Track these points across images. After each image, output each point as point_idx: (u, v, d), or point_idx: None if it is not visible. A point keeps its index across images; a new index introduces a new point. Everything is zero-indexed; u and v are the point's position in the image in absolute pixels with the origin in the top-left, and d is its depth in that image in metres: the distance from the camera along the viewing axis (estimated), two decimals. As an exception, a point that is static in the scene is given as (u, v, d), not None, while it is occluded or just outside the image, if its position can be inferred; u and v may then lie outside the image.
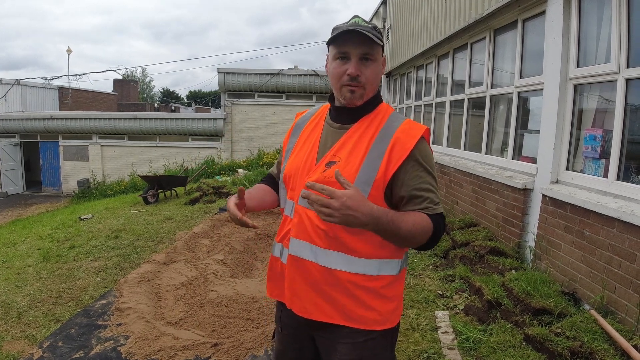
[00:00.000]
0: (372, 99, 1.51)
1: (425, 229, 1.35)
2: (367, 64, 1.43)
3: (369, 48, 1.42)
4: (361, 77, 1.43)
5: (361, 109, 1.49)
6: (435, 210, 1.39)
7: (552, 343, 2.71)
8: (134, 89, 35.30)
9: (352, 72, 1.42)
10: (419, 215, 1.36)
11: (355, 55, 1.42)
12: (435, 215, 1.38)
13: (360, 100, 1.47)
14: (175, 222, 7.67)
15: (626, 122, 3.23)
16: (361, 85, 1.44)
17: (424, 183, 1.40)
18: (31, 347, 3.29)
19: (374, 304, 1.44)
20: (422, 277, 4.37)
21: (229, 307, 3.91)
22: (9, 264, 5.60)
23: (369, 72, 1.44)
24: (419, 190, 1.39)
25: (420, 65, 8.77)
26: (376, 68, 1.46)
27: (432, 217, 1.37)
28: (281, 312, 1.63)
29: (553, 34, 3.93)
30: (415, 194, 1.39)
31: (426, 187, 1.40)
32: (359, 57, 1.42)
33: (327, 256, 1.43)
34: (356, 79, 1.42)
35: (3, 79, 20.96)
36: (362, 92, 1.45)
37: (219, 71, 18.27)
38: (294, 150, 1.60)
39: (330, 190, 1.19)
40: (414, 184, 1.39)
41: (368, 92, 1.47)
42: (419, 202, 1.39)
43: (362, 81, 1.43)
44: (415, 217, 1.35)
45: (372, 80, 1.46)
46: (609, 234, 3.09)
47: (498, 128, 5.44)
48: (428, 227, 1.35)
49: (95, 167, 19.13)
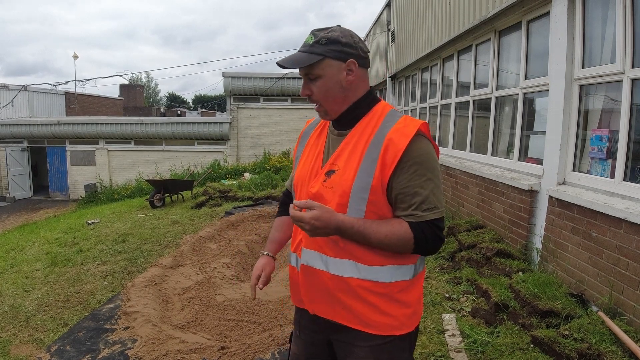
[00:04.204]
0: (359, 102, 1.48)
1: (403, 239, 1.34)
2: (314, 82, 1.45)
3: (307, 68, 1.43)
4: (312, 95, 1.46)
5: (353, 113, 1.48)
6: (421, 217, 1.34)
7: (559, 345, 2.69)
8: (140, 93, 35.54)
9: (301, 93, 1.48)
10: (398, 225, 1.35)
11: (303, 76, 1.47)
12: (419, 223, 1.34)
13: (328, 115, 1.50)
14: (181, 225, 7.70)
15: (632, 123, 3.21)
16: (317, 102, 1.47)
17: (412, 186, 1.35)
18: (39, 351, 3.31)
19: (388, 309, 1.43)
20: (428, 280, 4.35)
21: (235, 310, 3.92)
22: (17, 269, 5.64)
23: (316, 90, 1.45)
24: (404, 194, 1.36)
25: (425, 68, 8.76)
26: (324, 84, 1.44)
27: (414, 226, 1.34)
28: (300, 315, 1.64)
29: (558, 34, 3.92)
30: (401, 198, 1.36)
31: (413, 191, 1.35)
32: (306, 78, 1.46)
33: (337, 265, 1.43)
34: (310, 98, 1.47)
35: (10, 85, 21.19)
36: (323, 109, 1.48)
37: (224, 75, 18.36)
38: (301, 159, 1.62)
39: (299, 216, 1.32)
40: (400, 187, 1.36)
41: (328, 106, 1.47)
42: (404, 208, 1.36)
43: (315, 99, 1.46)
44: (393, 227, 1.34)
45: (323, 95, 1.45)
46: (616, 235, 3.07)
47: (504, 129, 5.42)
48: (406, 237, 1.34)
49: (102, 172, 19.27)
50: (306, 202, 1.33)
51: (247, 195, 9.99)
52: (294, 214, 1.33)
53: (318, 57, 1.40)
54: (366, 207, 1.37)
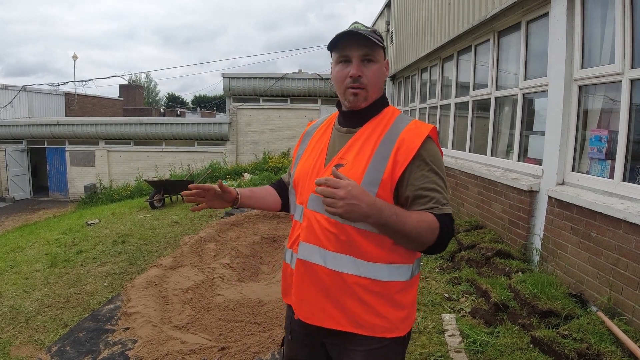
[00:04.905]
0: (377, 101, 1.50)
1: (431, 227, 1.31)
2: (368, 65, 1.44)
3: (369, 49, 1.43)
4: (363, 78, 1.44)
5: (367, 112, 1.49)
6: (442, 210, 1.35)
7: (559, 345, 2.70)
8: (139, 94, 35.47)
9: (354, 73, 1.43)
10: (425, 214, 1.33)
11: (356, 57, 1.43)
12: (442, 215, 1.35)
13: (365, 102, 1.47)
14: (181, 226, 7.70)
15: (631, 123, 3.22)
16: (363, 86, 1.44)
17: (430, 183, 1.37)
18: (39, 352, 3.31)
19: (383, 310, 1.42)
20: (428, 280, 4.36)
21: (235, 311, 3.92)
22: (17, 269, 5.64)
23: (370, 73, 1.44)
24: (424, 190, 1.36)
25: (425, 68, 8.77)
26: (378, 69, 1.46)
27: (439, 217, 1.34)
28: (291, 319, 1.61)
29: (557, 35, 3.93)
30: (421, 194, 1.37)
31: (432, 187, 1.37)
32: (360, 59, 1.43)
33: (336, 260, 1.41)
34: (358, 80, 1.43)
35: (9, 86, 21.16)
36: (365, 94, 1.45)
37: (224, 76, 18.35)
38: (303, 156, 1.61)
39: (335, 180, 1.21)
40: (419, 184, 1.37)
41: (371, 93, 1.47)
42: (424, 202, 1.36)
43: (364, 82, 1.44)
44: (421, 215, 1.33)
45: (374, 81, 1.46)
46: (615, 235, 3.08)
47: (503, 130, 5.43)
48: (434, 225, 1.32)
49: (102, 172, 19.26)
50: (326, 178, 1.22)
51: (247, 195, 9.97)
52: (328, 178, 1.22)
53: (380, 44, 1.45)
54: None
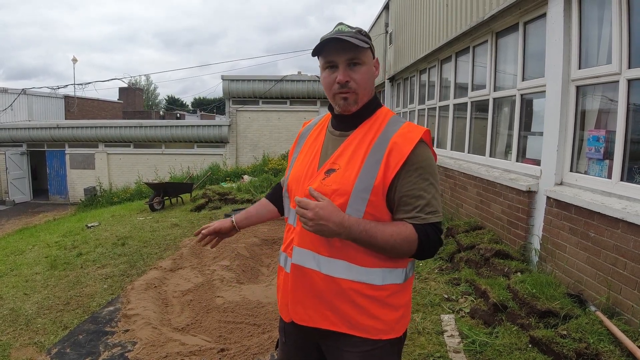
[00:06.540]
0: (369, 103, 1.48)
1: (408, 239, 1.33)
2: (355, 69, 1.42)
3: (354, 53, 1.40)
4: (350, 82, 1.41)
5: (359, 115, 1.48)
6: (425, 219, 1.35)
7: (558, 345, 2.70)
8: (139, 97, 35.53)
9: (341, 79, 1.40)
10: (403, 226, 1.34)
11: (342, 62, 1.41)
12: (424, 225, 1.35)
13: (355, 105, 1.45)
14: (181, 228, 7.71)
15: (629, 123, 3.23)
16: (352, 90, 1.42)
17: (417, 190, 1.36)
18: (39, 354, 3.32)
19: (378, 313, 1.41)
20: (427, 281, 4.37)
21: (235, 312, 3.93)
22: (17, 272, 5.65)
23: (358, 77, 1.42)
24: (409, 197, 1.36)
25: (423, 69, 8.79)
26: (366, 71, 1.44)
27: (419, 227, 1.34)
28: (285, 322, 1.60)
29: (554, 36, 3.94)
30: (405, 201, 1.36)
31: (418, 194, 1.36)
32: (346, 64, 1.41)
33: (330, 264, 1.40)
34: (346, 85, 1.41)
35: (9, 89, 21.18)
36: (355, 97, 1.43)
37: (223, 78, 18.37)
38: (297, 159, 1.60)
39: (306, 202, 1.30)
40: (404, 190, 1.36)
41: (361, 96, 1.45)
42: (407, 210, 1.36)
43: (353, 87, 1.42)
44: (398, 228, 1.33)
45: (363, 84, 1.44)
46: (613, 235, 3.09)
47: (502, 130, 5.44)
48: (411, 237, 1.33)
49: (102, 175, 19.27)
50: (300, 200, 1.32)
51: (247, 197, 10.00)
52: (300, 200, 1.31)
53: (366, 45, 1.41)
54: (366, 208, 1.36)
